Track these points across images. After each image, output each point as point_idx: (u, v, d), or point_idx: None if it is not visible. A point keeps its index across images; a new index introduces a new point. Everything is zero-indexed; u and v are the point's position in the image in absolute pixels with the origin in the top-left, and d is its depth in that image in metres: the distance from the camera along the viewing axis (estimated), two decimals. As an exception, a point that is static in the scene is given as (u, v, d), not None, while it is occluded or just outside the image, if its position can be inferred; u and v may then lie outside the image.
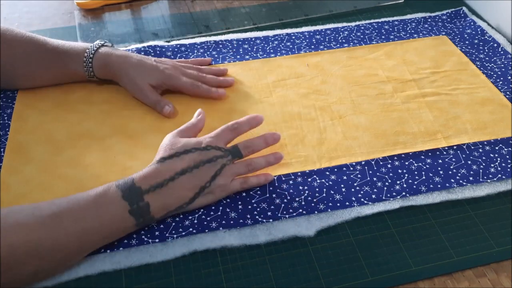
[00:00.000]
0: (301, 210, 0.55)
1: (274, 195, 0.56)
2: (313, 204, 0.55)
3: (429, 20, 0.87)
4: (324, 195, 0.57)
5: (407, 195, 0.57)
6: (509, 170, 0.60)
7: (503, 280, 0.50)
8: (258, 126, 0.59)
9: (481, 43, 0.81)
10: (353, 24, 0.85)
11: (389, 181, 0.58)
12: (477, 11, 0.90)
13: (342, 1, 0.92)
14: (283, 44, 0.80)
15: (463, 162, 0.61)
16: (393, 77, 0.74)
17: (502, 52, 0.79)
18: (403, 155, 0.62)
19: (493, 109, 0.69)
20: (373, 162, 0.61)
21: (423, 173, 0.59)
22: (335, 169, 0.60)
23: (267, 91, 0.71)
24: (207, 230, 0.52)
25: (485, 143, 0.64)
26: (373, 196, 0.56)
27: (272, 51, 0.79)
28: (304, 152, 0.62)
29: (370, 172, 0.59)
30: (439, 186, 0.58)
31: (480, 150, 0.63)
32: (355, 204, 0.56)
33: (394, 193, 0.57)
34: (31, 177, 0.57)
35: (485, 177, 0.59)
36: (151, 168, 0.51)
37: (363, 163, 0.61)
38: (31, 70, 0.66)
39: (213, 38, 0.81)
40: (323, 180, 0.58)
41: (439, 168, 0.60)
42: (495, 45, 0.80)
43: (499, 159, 0.61)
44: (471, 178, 0.59)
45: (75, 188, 0.56)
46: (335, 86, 0.72)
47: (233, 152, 0.55)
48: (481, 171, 0.60)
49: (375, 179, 0.59)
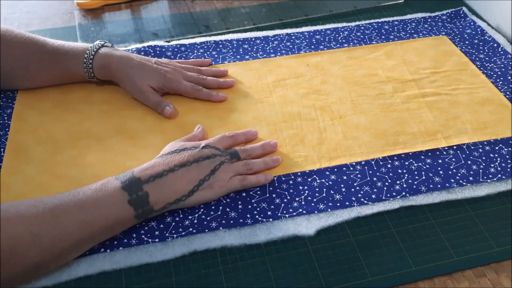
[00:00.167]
0: (301, 210, 0.55)
1: (274, 195, 0.56)
2: (313, 204, 0.55)
3: (429, 20, 0.87)
4: (324, 195, 0.57)
5: (407, 195, 0.57)
6: (509, 170, 0.60)
7: (503, 280, 0.50)
8: (253, 140, 0.63)
9: (481, 43, 0.81)
10: (353, 24, 0.85)
11: (389, 181, 0.58)
12: (477, 11, 0.90)
13: (342, 1, 0.92)
14: (283, 44, 0.80)
15: (463, 162, 0.61)
16: (393, 77, 0.74)
17: (502, 52, 0.79)
18: (403, 155, 0.62)
19: (493, 109, 0.69)
20: (373, 162, 0.61)
21: (423, 173, 0.59)
22: (335, 169, 0.60)
23: (267, 91, 0.71)
24: (207, 230, 0.52)
25: (485, 143, 0.64)
26: (373, 196, 0.56)
27: (272, 51, 0.79)
28: (304, 152, 0.62)
29: (370, 172, 0.59)
30: (439, 186, 0.58)
31: (480, 150, 0.63)
32: (355, 204, 0.56)
33: (394, 193, 0.57)
34: (31, 177, 0.57)
35: (485, 177, 0.59)
36: (151, 162, 0.53)
37: (363, 163, 0.61)
38: (31, 71, 0.66)
39: (213, 38, 0.81)
40: (323, 180, 0.58)
41: (439, 168, 0.60)
42: (495, 45, 0.80)
43: (499, 159, 0.61)
44: (471, 178, 0.59)
45: (75, 188, 0.56)
46: (335, 86, 0.72)
47: (231, 153, 0.57)
48: (481, 171, 0.60)
49: (375, 179, 0.59)
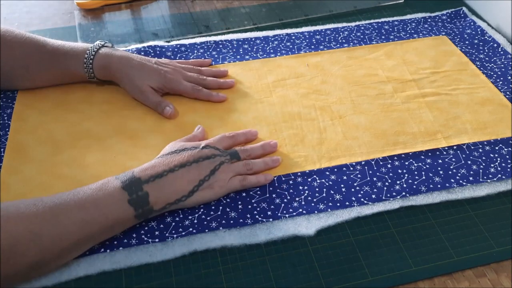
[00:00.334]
0: (301, 210, 0.55)
1: (274, 195, 0.56)
2: (313, 204, 0.55)
3: (429, 20, 0.87)
4: (324, 195, 0.57)
5: (407, 195, 0.57)
6: (509, 170, 0.60)
7: (503, 280, 0.50)
8: (253, 140, 0.63)
9: (481, 43, 0.81)
10: (353, 24, 0.85)
11: (389, 181, 0.58)
12: (477, 11, 0.90)
13: (342, 1, 0.92)
14: (283, 44, 0.80)
15: (463, 162, 0.61)
16: (393, 77, 0.74)
17: (502, 52, 0.79)
18: (403, 155, 0.62)
19: (493, 109, 0.69)
20: (373, 162, 0.61)
21: (423, 173, 0.59)
22: (335, 169, 0.60)
23: (267, 91, 0.71)
24: (207, 230, 0.52)
25: (485, 143, 0.64)
26: (373, 196, 0.56)
27: (272, 51, 0.79)
28: (304, 152, 0.62)
29: (370, 172, 0.59)
30: (439, 186, 0.58)
31: (480, 150, 0.63)
32: (355, 204, 0.56)
33: (394, 193, 0.57)
34: (31, 177, 0.57)
35: (485, 177, 0.59)
36: (151, 162, 0.53)
37: (363, 163, 0.61)
38: (30, 71, 0.66)
39: (213, 38, 0.81)
40: (323, 180, 0.58)
41: (439, 168, 0.60)
42: (495, 45, 0.80)
43: (499, 159, 0.61)
44: (471, 178, 0.59)
45: (75, 188, 0.56)
46: (335, 86, 0.72)
47: (231, 153, 0.57)
48: (481, 171, 0.60)
49: (375, 179, 0.59)
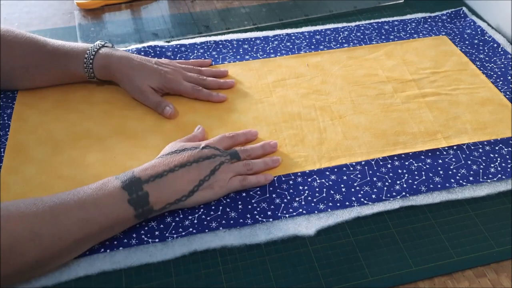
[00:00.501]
0: (301, 210, 0.55)
1: (274, 195, 0.56)
2: (313, 204, 0.55)
3: (429, 20, 0.87)
4: (324, 195, 0.57)
5: (407, 195, 0.57)
6: (509, 170, 0.60)
7: (503, 280, 0.50)
8: (253, 140, 0.63)
9: (481, 43, 0.81)
10: (353, 24, 0.85)
11: (389, 181, 0.58)
12: (477, 11, 0.90)
13: (342, 1, 0.92)
14: (283, 44, 0.80)
15: (463, 162, 0.61)
16: (393, 77, 0.74)
17: (502, 52, 0.79)
18: (403, 155, 0.62)
19: (493, 109, 0.69)
20: (373, 162, 0.61)
21: (423, 173, 0.59)
22: (335, 169, 0.60)
23: (267, 91, 0.71)
24: (207, 230, 0.52)
25: (485, 143, 0.64)
26: (373, 196, 0.56)
27: (272, 51, 0.79)
28: (304, 152, 0.62)
29: (370, 172, 0.59)
30: (439, 186, 0.58)
31: (480, 150, 0.63)
32: (355, 204, 0.56)
33: (394, 193, 0.57)
34: (31, 177, 0.57)
35: (485, 177, 0.59)
36: (151, 162, 0.53)
37: (363, 163, 0.61)
38: (31, 71, 0.66)
39: (213, 38, 0.81)
40: (323, 180, 0.58)
41: (439, 168, 0.60)
42: (495, 45, 0.80)
43: (499, 159, 0.61)
44: (471, 178, 0.59)
45: (75, 188, 0.56)
46: (335, 86, 0.72)
47: (231, 153, 0.57)
48: (481, 171, 0.60)
49: (375, 179, 0.59)
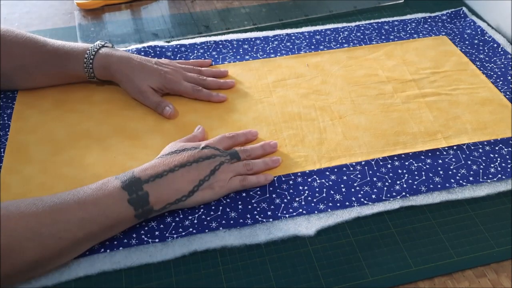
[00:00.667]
0: (301, 210, 0.55)
1: (274, 195, 0.56)
2: (313, 204, 0.55)
3: (429, 20, 0.87)
4: (324, 195, 0.57)
5: (407, 195, 0.57)
6: (509, 170, 0.60)
7: (503, 280, 0.50)
8: (253, 140, 0.63)
9: (481, 43, 0.81)
10: (353, 24, 0.85)
11: (389, 181, 0.58)
12: (477, 11, 0.90)
13: (342, 1, 0.92)
14: (283, 44, 0.80)
15: (463, 162, 0.61)
16: (393, 77, 0.74)
17: (502, 52, 0.79)
18: (403, 155, 0.62)
19: (493, 109, 0.69)
20: (373, 162, 0.61)
21: (423, 173, 0.59)
22: (335, 169, 0.60)
23: (267, 91, 0.71)
24: (207, 230, 0.52)
25: (485, 143, 0.64)
26: (373, 196, 0.56)
27: (272, 51, 0.79)
28: (304, 152, 0.62)
29: (370, 172, 0.59)
30: (439, 186, 0.58)
31: (480, 150, 0.63)
32: (355, 204, 0.56)
33: (394, 193, 0.57)
34: (31, 177, 0.57)
35: (485, 177, 0.59)
36: (151, 162, 0.53)
37: (363, 163, 0.61)
38: (31, 71, 0.66)
39: (213, 38, 0.81)
40: (323, 180, 0.58)
41: (439, 168, 0.60)
42: (495, 45, 0.80)
43: (499, 159, 0.61)
44: (471, 178, 0.59)
45: (75, 188, 0.56)
46: (335, 86, 0.72)
47: (231, 154, 0.57)
48: (481, 171, 0.60)
49: (375, 179, 0.59)
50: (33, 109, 0.66)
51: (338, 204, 0.56)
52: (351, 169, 0.60)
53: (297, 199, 0.56)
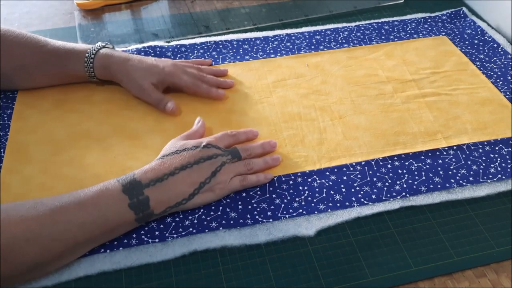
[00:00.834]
0: (301, 210, 0.55)
1: (274, 195, 0.56)
2: (313, 204, 0.55)
3: (429, 20, 0.87)
4: (324, 195, 0.57)
5: (407, 195, 0.57)
6: (509, 170, 0.60)
7: (503, 280, 0.50)
8: (254, 139, 0.63)
9: (481, 43, 0.81)
10: (353, 24, 0.85)
11: (389, 181, 0.58)
12: (477, 11, 0.90)
13: (342, 1, 0.92)
14: (283, 45, 0.80)
15: (463, 162, 0.61)
16: (393, 77, 0.74)
17: (502, 53, 0.79)
18: (403, 155, 0.62)
19: (493, 109, 0.69)
20: (373, 162, 0.61)
21: (423, 173, 0.59)
22: (335, 169, 0.60)
23: (267, 91, 0.71)
24: (207, 230, 0.52)
25: (485, 143, 0.64)
26: (373, 196, 0.56)
27: (272, 51, 0.79)
28: (304, 152, 0.62)
29: (370, 172, 0.59)
30: (439, 186, 0.58)
31: (480, 150, 0.63)
32: (355, 204, 0.56)
33: (394, 193, 0.57)
34: (31, 177, 0.57)
35: (485, 177, 0.59)
36: (152, 164, 0.53)
37: (363, 163, 0.61)
38: (31, 71, 0.66)
39: (213, 39, 0.81)
40: (323, 180, 0.58)
41: (439, 168, 0.60)
42: (495, 45, 0.80)
43: (499, 159, 0.61)
44: (471, 178, 0.59)
45: (75, 188, 0.55)
46: (335, 86, 0.72)
47: (232, 152, 0.57)
48: (481, 171, 0.60)
49: (375, 179, 0.59)
50: (33, 109, 0.66)
51: (338, 204, 0.56)
52: (351, 169, 0.60)
53: (297, 199, 0.56)
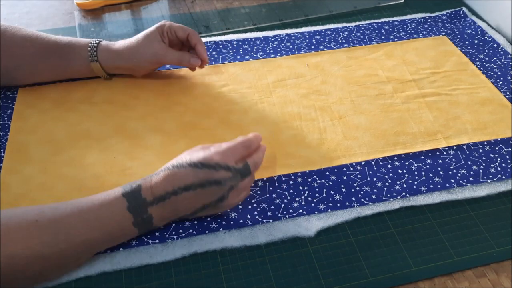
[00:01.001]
0: (301, 210, 0.55)
1: (274, 195, 0.56)
2: (313, 205, 0.55)
3: (429, 20, 0.87)
4: (324, 195, 0.57)
5: (407, 195, 0.57)
6: (509, 170, 0.60)
7: (503, 280, 0.50)
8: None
9: (481, 43, 0.81)
10: (353, 24, 0.85)
11: (389, 181, 0.58)
12: (477, 11, 0.90)
13: (342, 1, 0.92)
14: (283, 45, 0.80)
15: (463, 162, 0.61)
16: (393, 77, 0.74)
17: (502, 53, 0.79)
18: (403, 155, 0.62)
19: (493, 109, 0.69)
20: (373, 163, 0.61)
21: (423, 173, 0.59)
22: (335, 169, 0.60)
23: (267, 92, 0.71)
24: (207, 231, 0.52)
25: (485, 143, 0.64)
26: (373, 197, 0.56)
27: (272, 51, 0.79)
28: (304, 152, 0.62)
29: (370, 172, 0.59)
30: (439, 186, 0.58)
31: (480, 150, 0.63)
32: (355, 205, 0.56)
33: (394, 193, 0.57)
34: (31, 177, 0.57)
35: (485, 177, 0.59)
36: (158, 176, 0.49)
37: (363, 163, 0.61)
38: (34, 63, 0.66)
39: (213, 39, 0.81)
40: (323, 181, 0.58)
41: (439, 168, 0.60)
42: (495, 45, 0.80)
43: (499, 159, 0.61)
44: (471, 178, 0.59)
45: (75, 188, 0.56)
46: (335, 86, 0.72)
47: (242, 172, 0.51)
48: (481, 171, 0.60)
49: (375, 179, 0.59)
50: (33, 109, 0.66)
51: (338, 205, 0.56)
52: (351, 169, 0.60)
53: (297, 199, 0.56)
